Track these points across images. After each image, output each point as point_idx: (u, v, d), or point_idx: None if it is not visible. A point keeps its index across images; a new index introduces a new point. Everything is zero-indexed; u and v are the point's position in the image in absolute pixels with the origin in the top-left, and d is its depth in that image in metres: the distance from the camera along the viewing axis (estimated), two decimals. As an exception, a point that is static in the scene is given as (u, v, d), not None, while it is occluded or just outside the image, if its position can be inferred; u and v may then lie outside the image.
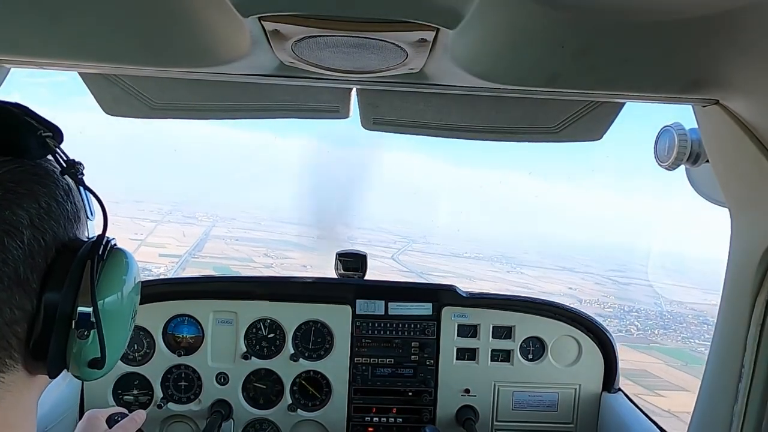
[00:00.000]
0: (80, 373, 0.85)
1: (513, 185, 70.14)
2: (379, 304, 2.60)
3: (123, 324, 0.90)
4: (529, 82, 1.28)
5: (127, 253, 0.91)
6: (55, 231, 0.80)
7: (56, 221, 0.80)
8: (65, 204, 0.83)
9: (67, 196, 0.84)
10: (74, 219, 0.85)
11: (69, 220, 0.83)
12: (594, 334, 2.62)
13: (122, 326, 0.90)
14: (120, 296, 0.87)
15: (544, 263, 17.56)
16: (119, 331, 0.89)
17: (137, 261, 0.94)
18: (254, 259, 15.57)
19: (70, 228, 0.83)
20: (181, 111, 1.90)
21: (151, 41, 1.17)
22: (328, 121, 1.94)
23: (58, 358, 0.81)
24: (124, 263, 0.89)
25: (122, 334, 0.91)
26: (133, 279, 0.92)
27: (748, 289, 1.35)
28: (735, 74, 1.14)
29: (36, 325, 0.77)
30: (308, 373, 2.57)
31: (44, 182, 0.81)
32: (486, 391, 2.61)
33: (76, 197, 0.86)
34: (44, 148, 0.82)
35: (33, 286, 0.76)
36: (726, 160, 1.41)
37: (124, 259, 0.90)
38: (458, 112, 1.86)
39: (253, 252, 16.01)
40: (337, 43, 1.09)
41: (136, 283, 0.93)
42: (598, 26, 0.99)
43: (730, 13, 0.92)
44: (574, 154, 76.89)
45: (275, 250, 15.69)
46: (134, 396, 2.52)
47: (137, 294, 0.95)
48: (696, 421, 1.56)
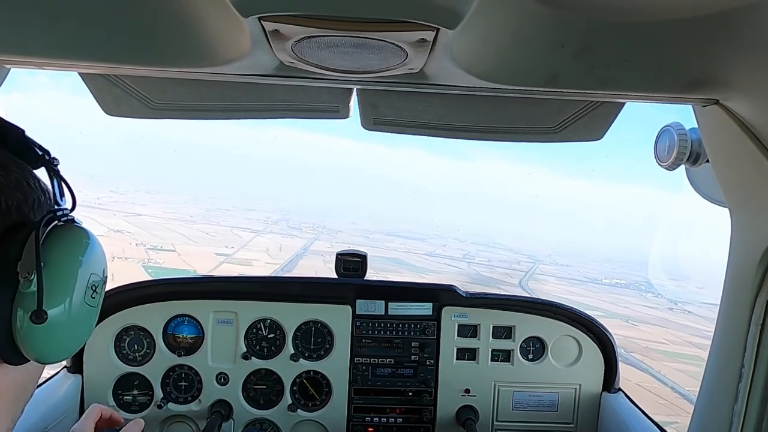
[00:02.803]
0: (25, 333, 0.82)
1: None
2: (380, 304, 2.60)
3: (68, 284, 0.87)
4: (529, 82, 1.28)
5: (84, 230, 0.93)
6: (16, 203, 0.84)
7: (15, 197, 0.85)
8: (35, 190, 0.89)
9: (33, 179, 0.90)
10: (38, 199, 0.89)
11: (31, 201, 0.88)
12: (594, 334, 2.62)
13: (66, 286, 0.87)
14: (68, 257, 0.87)
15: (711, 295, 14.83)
16: (62, 288, 0.87)
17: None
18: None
19: (28, 208, 0.87)
20: (181, 111, 1.90)
21: (151, 41, 1.17)
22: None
23: (3, 330, 0.80)
24: (75, 233, 0.91)
25: (65, 296, 0.87)
26: (83, 248, 0.91)
27: (748, 289, 1.35)
28: (735, 74, 1.14)
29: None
30: (308, 373, 2.57)
31: (20, 164, 0.89)
32: (486, 391, 2.61)
33: (47, 190, 0.92)
34: (21, 137, 0.91)
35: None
36: (726, 160, 1.41)
37: (78, 231, 0.91)
38: (458, 112, 1.86)
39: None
40: (337, 43, 1.09)
41: (89, 253, 0.92)
42: (598, 26, 0.99)
43: (730, 13, 0.92)
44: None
45: (379, 272, 14.49)
46: (134, 396, 2.52)
47: (94, 266, 0.93)
48: (696, 421, 1.56)
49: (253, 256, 14.59)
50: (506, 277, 13.78)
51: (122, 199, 39.23)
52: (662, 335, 14.54)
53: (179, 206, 32.62)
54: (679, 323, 11.45)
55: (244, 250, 14.64)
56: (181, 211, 32.63)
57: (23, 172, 0.88)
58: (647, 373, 16.02)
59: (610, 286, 15.35)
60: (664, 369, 14.94)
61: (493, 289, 2.91)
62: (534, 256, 16.76)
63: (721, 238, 1.45)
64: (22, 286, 0.81)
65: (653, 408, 6.51)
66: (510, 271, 14.83)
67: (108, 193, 40.81)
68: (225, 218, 14.40)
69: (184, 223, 31.67)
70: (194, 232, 25.05)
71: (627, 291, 14.99)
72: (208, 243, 25.12)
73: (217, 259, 12.58)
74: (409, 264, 14.62)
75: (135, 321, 2.48)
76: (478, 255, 13.52)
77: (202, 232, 28.13)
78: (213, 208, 11.20)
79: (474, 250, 13.85)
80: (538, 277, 15.74)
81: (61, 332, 0.85)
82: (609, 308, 13.41)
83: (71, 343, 0.88)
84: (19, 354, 0.83)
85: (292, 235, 16.71)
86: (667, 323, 12.63)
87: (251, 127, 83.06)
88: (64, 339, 0.86)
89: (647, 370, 16.12)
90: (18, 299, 0.81)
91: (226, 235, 14.88)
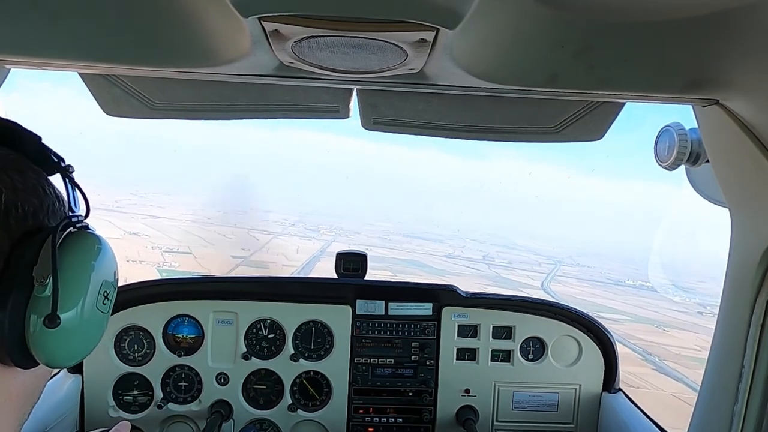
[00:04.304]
0: (39, 338, 0.83)
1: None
2: (380, 305, 2.60)
3: (80, 289, 0.88)
4: (529, 82, 1.28)
5: (97, 237, 0.93)
6: (32, 210, 0.85)
7: (31, 204, 0.86)
8: (50, 196, 0.90)
9: (49, 185, 0.90)
10: (52, 205, 0.90)
11: (45, 208, 0.88)
12: (594, 334, 2.62)
13: (79, 291, 0.88)
14: (83, 264, 0.88)
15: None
16: (75, 293, 0.87)
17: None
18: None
19: (43, 214, 0.88)
20: (181, 111, 1.90)
21: (151, 41, 1.17)
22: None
23: (15, 334, 0.81)
24: (89, 240, 0.91)
25: (77, 301, 0.88)
26: (96, 255, 0.91)
27: (748, 289, 1.35)
28: (735, 74, 1.14)
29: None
30: (308, 373, 2.57)
31: (36, 171, 0.90)
32: (486, 391, 2.61)
33: (60, 196, 0.93)
34: (39, 145, 0.92)
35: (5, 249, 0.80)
36: (726, 160, 1.41)
37: (91, 237, 0.92)
38: (458, 112, 1.86)
39: (369, 275, 14.61)
40: (337, 43, 1.09)
41: (102, 259, 0.92)
42: (598, 26, 0.99)
43: (730, 13, 0.92)
44: None
45: (398, 274, 14.07)
46: (134, 396, 2.52)
47: (106, 272, 0.93)
48: (696, 421, 1.56)
49: (271, 258, 14.49)
50: (527, 279, 13.46)
51: (141, 202, 39.03)
52: (693, 341, 13.97)
53: (198, 208, 32.55)
54: (709, 328, 11.08)
55: (262, 252, 14.56)
56: (199, 213, 32.49)
57: (39, 178, 0.90)
58: (682, 382, 15.51)
59: (635, 288, 14.77)
60: (699, 378, 14.66)
61: (516, 292, 2.85)
62: (555, 257, 16.43)
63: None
64: (37, 291, 0.82)
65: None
66: (531, 273, 14.53)
67: (127, 195, 40.57)
68: (243, 220, 14.33)
69: (202, 225, 31.55)
70: (211, 234, 24.90)
71: (653, 294, 14.32)
72: (223, 247, 25.03)
73: (233, 262, 12.46)
74: (429, 266, 14.41)
75: (135, 321, 2.47)
76: (498, 256, 13.33)
77: (219, 234, 28.04)
78: (230, 211, 11.20)
79: (493, 251, 13.66)
80: (560, 279, 15.37)
81: (72, 337, 0.86)
82: (637, 312, 12.80)
83: (82, 348, 0.89)
84: (30, 358, 0.84)
85: (309, 237, 16.55)
86: (697, 328, 12.14)
87: (271, 129, 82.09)
88: (75, 344, 0.87)
89: (682, 380, 15.62)
90: (32, 303, 0.82)
91: (241, 239, 14.78)
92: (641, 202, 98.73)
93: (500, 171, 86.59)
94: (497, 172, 73.63)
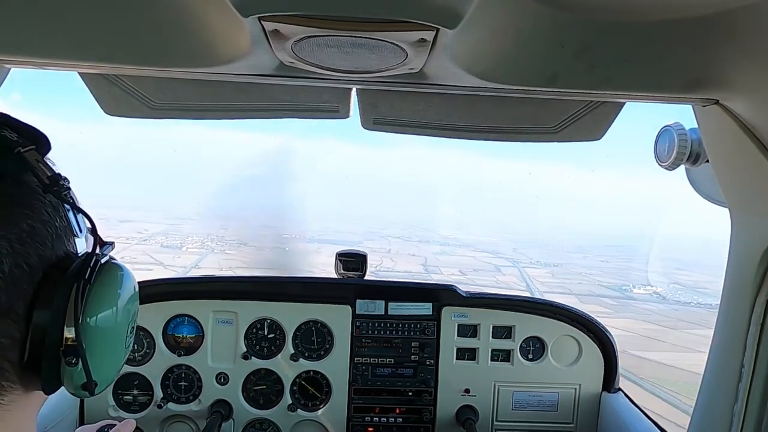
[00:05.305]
0: (76, 393, 0.83)
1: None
2: (379, 304, 2.60)
3: (116, 343, 0.86)
4: (529, 82, 1.28)
5: (119, 268, 0.87)
6: (40, 253, 0.76)
7: (42, 242, 0.76)
8: (53, 221, 0.79)
9: (55, 211, 0.80)
10: (65, 234, 0.81)
11: (59, 237, 0.80)
12: (594, 333, 2.62)
13: (115, 345, 0.86)
14: (111, 315, 0.83)
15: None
16: (112, 351, 0.86)
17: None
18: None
19: (60, 245, 0.80)
20: (181, 111, 1.90)
21: (151, 41, 1.17)
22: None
23: (52, 380, 0.79)
24: (113, 280, 0.85)
25: (115, 354, 0.87)
26: (126, 294, 0.88)
27: (748, 289, 1.35)
28: (735, 74, 1.14)
29: (27, 350, 0.75)
30: (308, 373, 2.57)
31: (25, 201, 0.76)
32: (486, 391, 2.61)
33: (66, 211, 0.83)
34: (23, 165, 0.77)
35: (20, 313, 0.73)
36: (726, 160, 1.41)
37: (115, 276, 0.85)
38: (458, 112, 1.86)
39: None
40: (337, 43, 1.09)
41: (130, 297, 0.90)
42: (598, 26, 0.99)
43: (730, 13, 0.92)
44: None
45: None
46: (134, 396, 2.52)
47: (134, 308, 0.92)
48: (696, 421, 1.57)
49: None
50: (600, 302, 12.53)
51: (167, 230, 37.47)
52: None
53: (219, 231, 32.03)
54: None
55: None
56: (225, 239, 31.90)
57: (32, 208, 0.78)
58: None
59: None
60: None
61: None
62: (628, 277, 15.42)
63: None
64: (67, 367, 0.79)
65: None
66: (602, 299, 13.86)
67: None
68: (262, 240, 13.89)
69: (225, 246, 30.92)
70: (230, 261, 24.46)
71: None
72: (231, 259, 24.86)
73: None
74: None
75: None
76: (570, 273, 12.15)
77: (244, 253, 27.52)
78: (255, 225, 10.93)
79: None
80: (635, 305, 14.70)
81: (101, 371, 0.83)
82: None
83: (106, 381, 0.87)
84: (59, 386, 0.82)
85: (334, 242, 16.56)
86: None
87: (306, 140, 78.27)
88: (103, 381, 0.85)
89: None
90: (64, 373, 0.80)
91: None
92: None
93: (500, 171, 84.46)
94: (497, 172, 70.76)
